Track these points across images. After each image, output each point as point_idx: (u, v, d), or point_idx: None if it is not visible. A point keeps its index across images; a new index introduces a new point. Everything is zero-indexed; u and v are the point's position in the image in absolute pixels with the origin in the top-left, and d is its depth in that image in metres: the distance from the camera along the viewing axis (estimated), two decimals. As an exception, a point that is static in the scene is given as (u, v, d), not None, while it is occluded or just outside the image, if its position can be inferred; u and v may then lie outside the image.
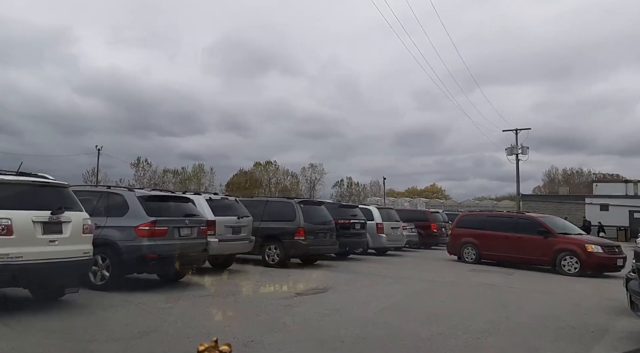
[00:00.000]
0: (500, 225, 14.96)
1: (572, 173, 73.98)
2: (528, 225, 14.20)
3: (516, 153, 47.53)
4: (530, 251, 13.69)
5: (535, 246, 13.59)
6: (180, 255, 8.48)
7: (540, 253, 13.49)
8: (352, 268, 12.79)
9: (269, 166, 74.22)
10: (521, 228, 14.27)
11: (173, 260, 8.47)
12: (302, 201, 12.88)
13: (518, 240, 14.06)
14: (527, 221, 14.43)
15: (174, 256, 8.43)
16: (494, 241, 14.65)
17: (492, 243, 14.73)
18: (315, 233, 12.40)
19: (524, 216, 15.03)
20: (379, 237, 16.52)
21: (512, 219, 15.00)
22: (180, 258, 8.56)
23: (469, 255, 15.39)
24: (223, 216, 10.67)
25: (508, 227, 14.61)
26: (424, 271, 12.73)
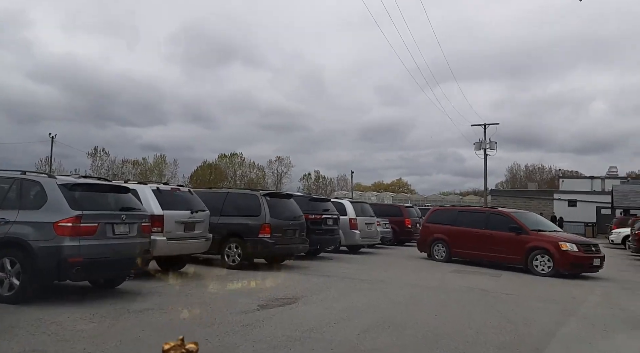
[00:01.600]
0: (471, 220, 13.84)
1: (534, 169, 75.07)
2: (500, 221, 13.10)
3: (484, 148, 47.43)
4: (502, 249, 12.63)
5: (507, 244, 12.53)
6: (114, 258, 6.80)
7: (512, 251, 12.43)
8: (324, 269, 11.31)
9: (235, 159, 72.34)
10: (493, 224, 13.19)
11: (105, 265, 6.77)
12: (269, 193, 11.28)
13: (489, 237, 12.99)
14: (499, 217, 13.33)
15: (106, 260, 6.73)
16: (465, 238, 13.59)
17: (463, 240, 13.66)
18: (283, 230, 10.84)
19: (496, 211, 13.90)
20: (352, 234, 15.09)
21: (484, 215, 13.88)
22: (115, 262, 6.87)
23: (439, 252, 14.26)
24: (173, 210, 8.99)
25: (480, 223, 13.50)
26: (403, 273, 11.37)
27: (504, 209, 13.96)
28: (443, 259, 14.04)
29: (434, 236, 14.46)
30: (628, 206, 32.36)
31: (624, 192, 33.69)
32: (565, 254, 11.62)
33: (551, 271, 11.70)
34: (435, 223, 14.74)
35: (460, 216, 14.31)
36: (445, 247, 14.10)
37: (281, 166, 72.17)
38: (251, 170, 71.51)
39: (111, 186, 7.52)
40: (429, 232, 14.74)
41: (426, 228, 15.06)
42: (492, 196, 45.22)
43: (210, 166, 70.17)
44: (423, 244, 14.97)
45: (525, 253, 12.12)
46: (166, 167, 66.48)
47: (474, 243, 13.28)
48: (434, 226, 14.71)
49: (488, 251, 12.93)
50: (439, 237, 14.29)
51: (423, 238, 15.05)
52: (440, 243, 14.27)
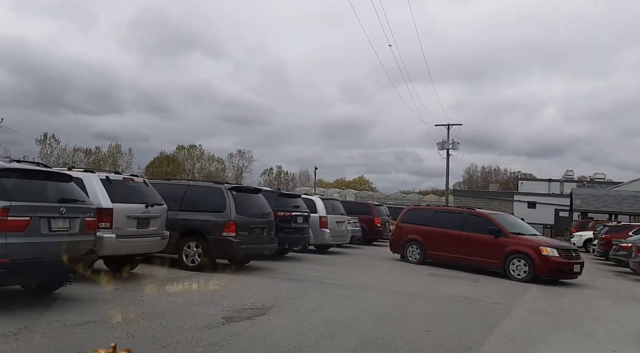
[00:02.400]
0: (448, 221, 13.20)
1: (490, 171, 76.75)
2: (478, 223, 12.50)
3: (447, 148, 47.68)
4: (480, 252, 12.04)
5: (485, 247, 11.96)
6: (49, 259, 5.62)
7: (490, 254, 11.85)
8: (294, 271, 10.34)
9: (193, 151, 70.28)
10: (471, 225, 12.58)
11: (38, 267, 5.59)
12: (235, 187, 10.19)
13: (467, 239, 12.38)
14: (477, 219, 12.71)
15: (40, 261, 5.55)
16: (441, 240, 12.93)
17: (438, 241, 13.00)
18: (249, 229, 9.81)
19: (474, 212, 13.15)
20: (321, 232, 14.18)
21: (462, 216, 13.18)
22: (50, 264, 5.69)
23: (413, 254, 13.55)
24: (125, 204, 7.81)
25: (457, 224, 12.88)
26: (379, 277, 10.55)
27: (482, 210, 13.35)
28: (417, 261, 13.36)
29: (408, 237, 13.74)
30: (587, 209, 32.91)
31: (583, 195, 34.28)
32: (546, 259, 11.09)
33: (528, 276, 11.17)
34: (410, 223, 14.03)
35: (436, 216, 13.62)
36: (419, 249, 13.41)
37: (242, 159, 70.67)
38: (210, 163, 69.63)
39: (49, 173, 6.28)
40: (403, 232, 14.02)
41: (400, 228, 14.33)
42: (454, 196, 45.43)
43: (167, 157, 67.82)
44: (396, 244, 14.25)
45: (504, 257, 11.57)
46: (121, 157, 63.82)
47: (450, 245, 12.64)
48: (408, 226, 14.01)
49: (465, 254, 12.32)
50: (414, 238, 13.59)
51: (396, 239, 14.32)
52: (414, 244, 13.57)
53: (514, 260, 11.41)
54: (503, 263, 11.57)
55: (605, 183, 47.28)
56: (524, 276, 11.21)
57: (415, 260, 13.40)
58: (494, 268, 11.87)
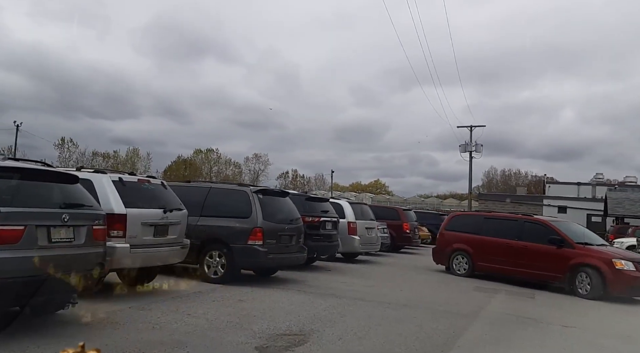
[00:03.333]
0: (501, 229, 11.93)
1: (511, 174, 74.86)
2: (537, 231, 11.21)
3: (470, 150, 46.26)
4: (539, 265, 10.72)
5: (546, 259, 10.65)
6: (48, 276, 4.65)
7: (551, 267, 10.53)
8: (326, 285, 9.28)
9: (210, 154, 70.14)
10: (528, 234, 11.29)
11: (33, 287, 4.62)
12: (261, 190, 9.18)
13: (523, 249, 11.09)
14: (536, 226, 11.43)
15: (36, 279, 4.59)
16: (493, 250, 11.66)
17: (489, 251, 11.72)
18: (277, 236, 8.79)
19: (532, 219, 11.98)
20: (350, 239, 13.10)
21: (517, 222, 11.84)
22: (49, 282, 4.72)
23: (460, 265, 12.31)
24: (140, 209, 6.85)
25: (511, 232, 11.58)
26: (421, 292, 9.43)
27: (541, 217, 12.12)
28: (465, 273, 12.09)
29: (454, 246, 12.46)
30: (622, 214, 31.27)
31: (619, 199, 32.63)
32: (620, 274, 9.78)
33: (595, 293, 9.83)
34: (456, 230, 12.77)
35: (486, 223, 12.30)
36: (467, 260, 12.14)
37: (258, 163, 70.32)
38: (227, 167, 69.30)
39: (50, 173, 5.33)
40: (448, 241, 12.73)
41: (444, 236, 13.02)
42: (479, 200, 43.96)
43: (185, 161, 67.67)
44: (440, 255, 12.95)
45: (569, 270, 10.24)
46: (139, 161, 63.83)
47: (503, 256, 11.33)
48: (453, 234, 12.71)
49: (521, 267, 10.97)
50: (460, 247, 12.31)
51: (440, 248, 13.01)
52: (461, 254, 12.28)
53: (580, 273, 10.10)
54: (567, 277, 10.27)
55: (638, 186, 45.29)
56: (590, 292, 9.92)
57: (463, 272, 12.13)
58: (556, 283, 10.55)
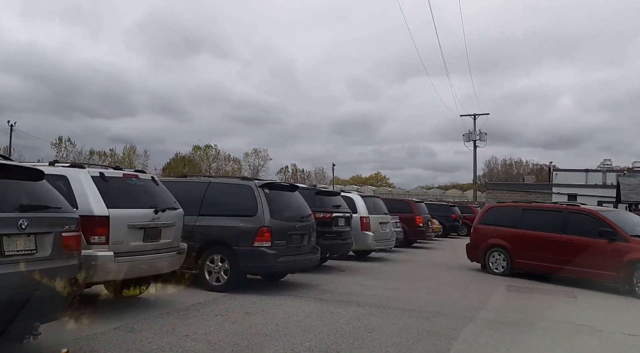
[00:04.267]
0: (542, 221, 10.60)
1: (512, 163, 73.86)
2: (585, 223, 9.82)
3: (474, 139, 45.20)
4: (588, 262, 9.37)
5: (596, 254, 9.32)
6: (3, 299, 3.57)
7: (603, 264, 9.17)
8: (343, 289, 8.21)
9: (209, 151, 69.30)
10: (574, 226, 9.93)
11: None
12: (267, 184, 8.08)
13: (569, 244, 9.75)
14: (582, 217, 10.01)
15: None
16: (533, 245, 10.36)
17: (530, 247, 10.42)
18: (287, 236, 7.70)
19: (577, 209, 10.40)
20: (363, 236, 12.02)
21: (561, 213, 10.36)
22: (5, 306, 3.64)
23: (498, 263, 11.02)
24: (126, 209, 5.77)
25: (554, 225, 10.22)
26: (451, 295, 8.35)
27: (589, 207, 10.75)
28: (504, 271, 10.85)
29: (490, 242, 11.21)
30: (636, 200, 30.14)
31: (632, 185, 31.48)
32: None
33: None
34: (492, 224, 11.47)
35: (525, 215, 10.97)
36: (505, 256, 10.92)
37: (258, 158, 69.44)
38: (227, 163, 68.39)
39: (7, 167, 4.21)
40: (483, 236, 11.45)
41: (479, 231, 11.71)
42: (487, 189, 42.89)
43: (183, 158, 66.66)
44: (475, 251, 11.65)
45: (625, 267, 8.89)
46: (136, 159, 62.85)
47: (545, 251, 10.07)
48: (489, 228, 11.41)
49: (566, 264, 9.65)
50: (497, 243, 11.05)
51: (475, 244, 11.72)
52: (498, 250, 11.04)
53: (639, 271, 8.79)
54: (622, 275, 8.95)
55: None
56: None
57: (501, 270, 10.91)
58: (608, 282, 9.33)
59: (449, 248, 17.98)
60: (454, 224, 24.86)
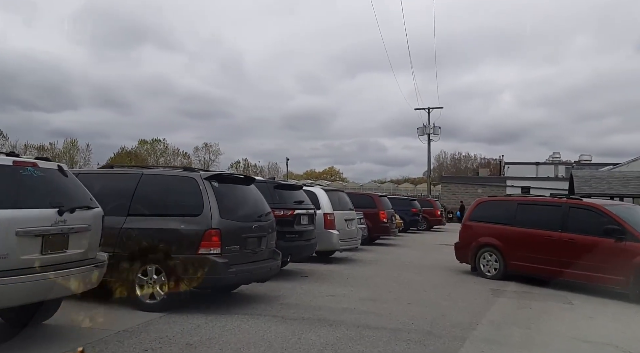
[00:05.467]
0: (539, 217, 9.36)
1: (460, 157, 75.49)
2: (587, 219, 8.62)
3: (428, 133, 44.98)
4: (592, 264, 8.11)
5: (601, 256, 8.06)
6: None
7: (609, 267, 7.91)
8: (309, 302, 6.82)
9: (157, 145, 66.34)
10: (575, 223, 8.69)
11: None
12: (215, 176, 6.52)
13: (570, 244, 8.51)
14: (585, 212, 8.74)
15: None
16: (529, 245, 9.15)
17: (525, 247, 9.20)
18: (242, 239, 6.21)
19: (580, 203, 9.06)
20: (327, 235, 10.66)
21: (560, 209, 9.04)
22: None
23: (490, 264, 9.72)
24: (15, 210, 4.13)
25: (553, 221, 8.97)
26: (437, 304, 7.14)
27: (593, 200, 9.55)
28: (496, 275, 9.56)
29: (481, 241, 9.92)
30: (589, 193, 30.40)
31: (585, 178, 31.82)
32: None
33: None
34: (483, 221, 10.21)
35: (520, 211, 9.71)
36: (498, 257, 9.62)
37: (209, 153, 67.20)
38: (175, 157, 65.62)
39: None
40: (473, 234, 10.16)
41: (469, 228, 10.42)
42: (442, 183, 42.63)
43: (129, 153, 63.30)
44: (464, 251, 10.35)
45: (635, 271, 7.69)
46: (78, 153, 59.10)
47: (543, 252, 8.87)
48: (480, 225, 10.14)
49: (567, 266, 8.43)
50: (489, 242, 9.77)
51: (465, 243, 10.39)
52: (490, 250, 9.77)
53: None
54: (632, 280, 7.68)
55: (594, 164, 45.41)
56: None
57: (493, 273, 9.61)
58: (615, 287, 7.96)
59: (413, 245, 16.99)
60: (414, 218, 24.01)
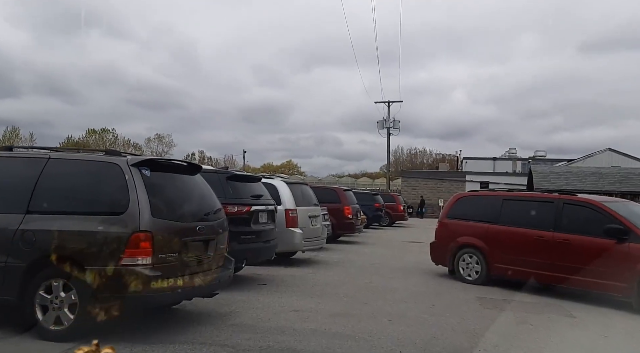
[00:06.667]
0: (528, 215, 8.22)
1: (416, 153, 76.19)
2: (584, 217, 7.64)
3: (388, 127, 44.35)
4: (590, 269, 7.11)
5: (600, 259, 7.05)
6: None
7: (610, 272, 6.92)
8: (267, 319, 5.48)
9: (106, 135, 63.16)
10: (570, 221, 7.69)
11: None
12: (146, 161, 5.00)
13: (564, 245, 7.51)
14: (581, 209, 7.75)
15: None
16: (517, 246, 8.11)
17: (512, 248, 8.16)
18: (182, 244, 4.77)
19: (575, 199, 8.03)
20: (289, 234, 9.32)
21: (553, 205, 7.96)
22: None
23: (470, 268, 8.63)
24: None
25: (544, 220, 7.91)
26: (421, 320, 5.94)
27: (591, 196, 8.47)
28: (477, 279, 8.49)
29: (460, 241, 8.85)
30: (548, 188, 30.44)
31: (544, 173, 31.82)
32: None
33: None
34: (462, 218, 9.11)
35: (506, 207, 8.57)
36: (480, 259, 8.52)
37: (161, 144, 64.65)
38: (126, 149, 62.50)
39: None
40: (452, 234, 9.08)
41: (446, 227, 9.32)
42: (402, 177, 42.01)
43: (77, 143, 59.88)
44: (441, 252, 9.24)
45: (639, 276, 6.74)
46: (20, 143, 55.32)
47: (532, 254, 7.81)
48: (459, 224, 9.06)
49: (559, 270, 7.43)
50: (469, 242, 8.69)
51: (442, 243, 9.28)
52: (470, 252, 8.67)
53: None
54: (637, 287, 6.71)
55: (549, 160, 46.09)
56: None
57: (474, 277, 8.54)
58: (616, 295, 6.97)
59: (379, 243, 15.88)
60: (377, 214, 22.96)
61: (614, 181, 29.90)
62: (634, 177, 29.93)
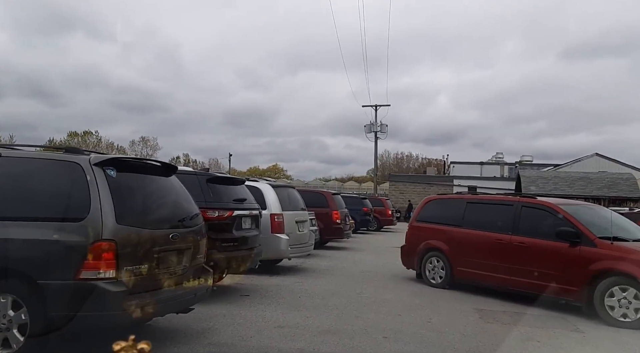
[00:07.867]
0: (488, 218, 8.11)
1: (402, 157, 76.26)
2: (540, 219, 7.50)
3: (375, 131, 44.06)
4: (543, 272, 7.02)
5: (553, 262, 6.98)
6: None
7: (561, 275, 6.82)
8: (247, 338, 4.93)
9: (89, 137, 61.88)
10: (528, 224, 7.55)
11: None
12: (111, 160, 4.44)
13: (519, 248, 7.39)
14: (538, 212, 7.59)
15: None
16: (476, 249, 7.99)
17: (472, 251, 8.03)
18: (151, 255, 4.20)
19: (533, 202, 7.95)
20: (275, 241, 8.75)
21: (512, 208, 7.88)
22: None
23: (435, 271, 8.53)
24: None
25: (503, 222, 7.79)
26: (423, 337, 5.43)
27: (546, 199, 8.26)
28: (441, 283, 8.41)
29: (427, 244, 8.71)
30: (536, 193, 30.26)
31: (532, 178, 31.67)
32: None
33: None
34: (430, 221, 8.96)
35: (469, 210, 8.42)
36: (444, 262, 8.42)
37: (146, 147, 63.58)
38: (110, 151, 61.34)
39: None
40: (420, 237, 8.95)
41: (415, 230, 9.22)
42: (390, 181, 41.63)
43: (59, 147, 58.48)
44: (410, 256, 9.13)
45: (590, 280, 6.51)
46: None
47: (490, 257, 7.72)
48: (427, 227, 8.94)
49: (515, 274, 7.32)
50: (435, 246, 8.57)
51: (410, 247, 9.19)
52: (436, 255, 8.55)
53: (613, 286, 6.34)
54: (587, 291, 6.52)
55: (535, 164, 46.12)
56: (634, 317, 6.20)
57: (439, 280, 8.45)
58: (570, 299, 6.83)
59: (368, 249, 15.39)
60: (365, 218, 22.48)
61: (601, 186, 29.86)
62: (622, 182, 29.93)
